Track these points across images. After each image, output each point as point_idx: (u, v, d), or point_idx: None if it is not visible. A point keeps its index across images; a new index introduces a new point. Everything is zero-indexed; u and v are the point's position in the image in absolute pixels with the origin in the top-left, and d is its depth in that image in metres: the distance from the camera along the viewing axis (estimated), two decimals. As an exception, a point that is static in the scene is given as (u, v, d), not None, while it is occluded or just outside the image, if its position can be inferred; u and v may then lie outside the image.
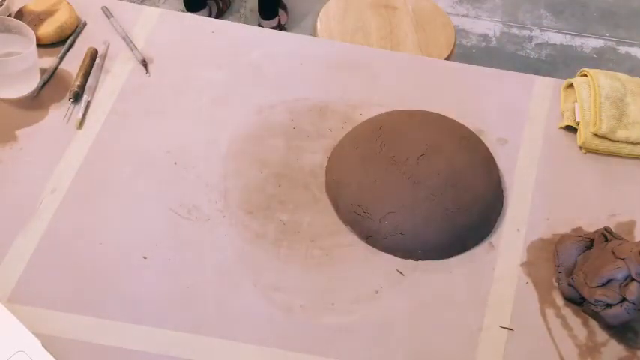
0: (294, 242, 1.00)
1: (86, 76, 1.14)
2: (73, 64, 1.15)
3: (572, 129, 1.14)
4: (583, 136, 1.11)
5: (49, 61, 1.15)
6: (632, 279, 0.91)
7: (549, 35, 2.41)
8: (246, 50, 1.20)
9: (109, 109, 1.11)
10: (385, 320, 0.95)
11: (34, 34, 1.08)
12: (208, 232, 1.00)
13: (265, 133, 1.10)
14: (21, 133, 1.08)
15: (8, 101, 1.11)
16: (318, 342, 0.93)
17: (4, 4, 1.16)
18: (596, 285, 0.93)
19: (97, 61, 1.16)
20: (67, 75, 1.15)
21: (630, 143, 1.11)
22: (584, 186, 1.09)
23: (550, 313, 0.97)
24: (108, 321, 0.92)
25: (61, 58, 1.16)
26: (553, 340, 0.95)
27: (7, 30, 1.09)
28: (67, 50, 1.17)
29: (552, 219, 1.05)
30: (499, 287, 0.99)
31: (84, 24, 1.21)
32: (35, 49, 1.08)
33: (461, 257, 1.01)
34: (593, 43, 2.40)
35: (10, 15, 1.17)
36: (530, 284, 0.99)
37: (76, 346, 0.90)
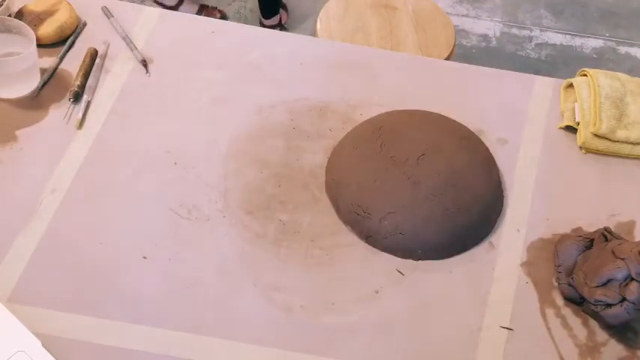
0: (294, 242, 1.00)
1: (86, 76, 1.13)
2: (73, 64, 1.15)
3: (572, 129, 1.14)
4: (583, 136, 1.11)
5: (49, 61, 1.15)
6: (632, 279, 0.91)
7: (549, 35, 2.40)
8: (246, 50, 1.20)
9: (109, 109, 1.11)
10: (385, 320, 0.95)
11: (34, 34, 1.08)
12: (208, 232, 1.00)
13: (265, 133, 1.10)
14: (21, 133, 1.08)
15: (8, 101, 1.11)
16: (318, 342, 0.93)
17: (4, 4, 1.16)
18: (596, 285, 0.93)
19: (97, 61, 1.16)
20: (67, 75, 1.15)
21: (630, 143, 1.11)
22: (584, 186, 1.09)
23: (550, 313, 0.97)
24: (108, 321, 0.92)
25: (61, 58, 1.16)
26: (553, 340, 0.95)
27: (7, 30, 1.09)
28: (67, 50, 1.17)
29: (552, 219, 1.05)
30: (499, 287, 0.98)
31: (84, 24, 1.21)
32: (35, 49, 1.08)
33: (461, 257, 1.01)
34: (593, 43, 2.40)
35: (10, 15, 1.17)
36: (530, 284, 0.99)
37: (76, 346, 0.90)
